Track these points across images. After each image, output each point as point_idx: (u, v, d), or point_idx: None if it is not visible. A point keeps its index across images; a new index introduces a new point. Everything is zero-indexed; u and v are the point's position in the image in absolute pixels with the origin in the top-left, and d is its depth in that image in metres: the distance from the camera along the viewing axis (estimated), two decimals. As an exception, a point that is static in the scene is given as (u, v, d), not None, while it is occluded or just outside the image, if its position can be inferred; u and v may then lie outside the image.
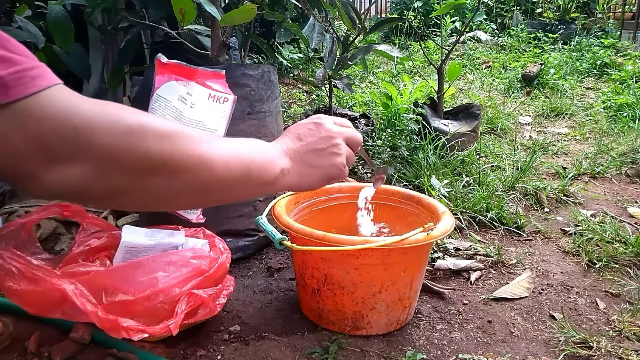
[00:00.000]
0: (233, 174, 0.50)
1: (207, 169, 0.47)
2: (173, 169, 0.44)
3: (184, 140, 0.45)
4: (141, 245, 0.87)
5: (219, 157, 0.48)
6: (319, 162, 0.60)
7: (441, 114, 1.92)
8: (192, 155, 0.46)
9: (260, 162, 0.54)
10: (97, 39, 1.58)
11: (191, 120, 0.84)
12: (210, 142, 0.49)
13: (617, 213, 1.44)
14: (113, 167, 0.41)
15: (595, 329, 0.91)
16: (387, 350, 0.84)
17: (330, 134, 0.61)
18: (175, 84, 0.87)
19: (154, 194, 0.45)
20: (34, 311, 0.76)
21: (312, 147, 0.60)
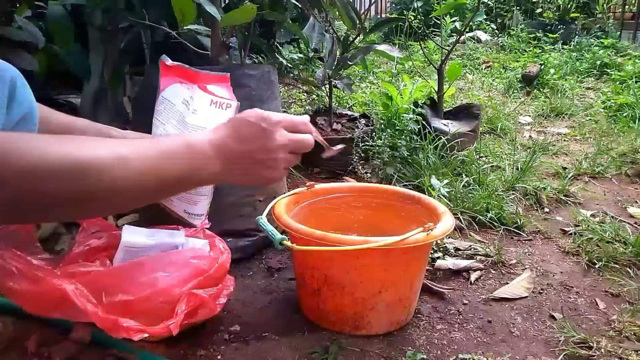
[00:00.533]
0: (148, 192, 0.49)
1: (115, 196, 0.46)
2: (83, 200, 0.44)
3: (89, 172, 0.43)
4: (141, 245, 0.87)
5: (133, 183, 0.47)
6: (251, 172, 0.59)
7: (441, 114, 1.92)
8: (98, 190, 0.44)
9: (186, 176, 0.52)
10: (97, 39, 1.57)
11: (194, 127, 0.84)
12: (124, 164, 0.46)
13: (617, 213, 1.44)
14: (15, 212, 0.41)
15: (595, 329, 0.91)
16: (387, 350, 0.84)
17: (274, 147, 0.59)
18: (179, 87, 0.86)
19: (60, 217, 0.46)
20: (33, 311, 0.76)
21: (251, 155, 0.58)
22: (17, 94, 0.74)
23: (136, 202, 0.50)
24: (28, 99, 0.76)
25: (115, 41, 1.55)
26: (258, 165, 0.58)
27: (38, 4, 1.48)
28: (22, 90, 0.75)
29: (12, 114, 0.73)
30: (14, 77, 0.74)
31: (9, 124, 0.72)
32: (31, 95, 0.78)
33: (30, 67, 1.30)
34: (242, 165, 0.57)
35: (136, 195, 0.48)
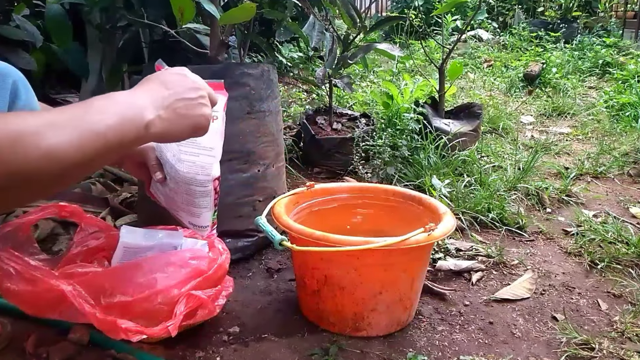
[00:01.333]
0: (89, 153, 0.48)
1: (59, 163, 0.45)
2: (22, 177, 0.43)
3: (23, 141, 0.43)
4: (140, 245, 0.87)
5: (70, 144, 0.46)
6: (188, 112, 0.59)
7: (442, 113, 1.91)
8: (38, 157, 0.43)
9: (120, 127, 0.51)
10: (95, 37, 1.57)
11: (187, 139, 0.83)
12: (58, 128, 0.46)
13: (619, 213, 1.43)
14: None
15: (597, 330, 0.91)
16: (387, 352, 0.84)
17: (197, 86, 0.60)
18: None
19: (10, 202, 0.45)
20: (31, 312, 0.76)
21: (182, 95, 0.58)
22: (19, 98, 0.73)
23: (80, 169, 0.49)
24: (31, 103, 0.76)
25: (113, 40, 1.55)
26: (191, 103, 0.59)
27: (36, 2, 1.48)
28: (24, 94, 0.74)
29: None
30: (17, 81, 0.73)
31: None
32: (33, 97, 0.77)
33: (28, 66, 1.30)
34: (177, 107, 0.58)
35: (77, 160, 0.47)
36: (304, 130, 1.78)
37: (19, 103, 0.73)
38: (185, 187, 0.76)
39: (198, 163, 0.75)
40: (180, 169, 0.75)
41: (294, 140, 1.83)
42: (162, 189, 0.81)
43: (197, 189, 0.76)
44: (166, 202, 0.82)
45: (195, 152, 0.75)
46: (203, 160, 0.75)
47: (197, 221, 0.80)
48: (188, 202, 0.77)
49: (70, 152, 0.45)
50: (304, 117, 1.82)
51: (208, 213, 0.80)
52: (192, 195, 0.76)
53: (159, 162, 0.78)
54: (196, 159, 0.75)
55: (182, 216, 0.81)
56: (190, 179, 0.75)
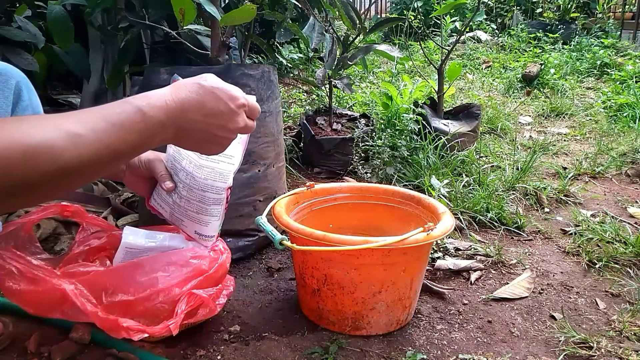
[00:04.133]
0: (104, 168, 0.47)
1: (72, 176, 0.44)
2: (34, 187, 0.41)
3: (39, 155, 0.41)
4: (142, 247, 0.87)
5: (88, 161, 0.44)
6: (201, 144, 0.58)
7: (441, 114, 1.92)
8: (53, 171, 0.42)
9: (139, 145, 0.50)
10: (97, 38, 1.58)
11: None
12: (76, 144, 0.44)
13: (617, 213, 1.44)
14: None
15: (596, 329, 0.91)
16: (387, 351, 0.84)
17: (233, 129, 0.58)
18: None
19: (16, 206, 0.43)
20: (33, 311, 0.76)
21: (209, 130, 0.56)
22: (22, 99, 0.74)
23: (89, 178, 0.48)
24: (33, 104, 0.76)
25: (115, 41, 1.55)
26: (212, 139, 0.57)
27: (38, 3, 1.48)
28: (26, 95, 0.75)
29: None
30: (20, 83, 0.74)
31: None
32: (36, 98, 0.77)
33: (30, 67, 1.30)
34: (196, 136, 0.56)
35: (90, 172, 0.46)
36: (304, 130, 1.79)
37: (22, 104, 0.74)
38: (200, 194, 0.77)
39: (217, 170, 0.76)
40: (198, 175, 0.75)
41: (294, 140, 1.84)
42: (168, 198, 0.81)
43: (212, 196, 0.76)
44: (171, 212, 0.82)
45: (216, 159, 0.76)
46: (222, 168, 0.76)
47: (204, 230, 0.80)
48: (199, 209, 0.78)
49: (85, 167, 0.44)
50: (304, 118, 1.83)
51: (217, 222, 0.80)
52: (205, 202, 0.77)
53: (167, 172, 0.78)
54: (216, 165, 0.76)
55: (188, 225, 0.81)
56: (207, 185, 0.76)
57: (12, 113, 0.73)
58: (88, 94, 1.60)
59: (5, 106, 0.71)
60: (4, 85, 0.71)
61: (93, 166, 0.45)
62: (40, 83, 1.49)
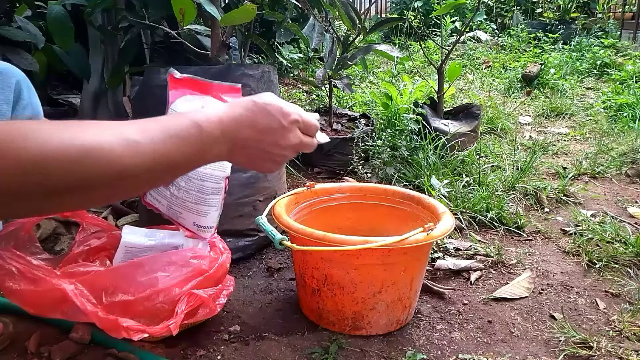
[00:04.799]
0: (156, 177, 0.47)
1: (124, 181, 0.44)
2: (90, 188, 0.42)
3: (100, 157, 0.41)
4: (141, 245, 0.87)
5: (142, 168, 0.44)
6: (255, 160, 0.58)
7: (441, 114, 1.92)
8: (111, 174, 0.42)
9: (195, 158, 0.50)
10: (97, 39, 1.58)
11: None
12: (135, 150, 0.44)
13: (617, 213, 1.44)
14: (17, 202, 0.38)
15: (596, 329, 0.91)
16: (387, 351, 0.84)
17: (285, 145, 0.58)
18: (190, 98, 0.84)
19: (67, 208, 0.43)
20: (33, 311, 0.76)
21: (261, 146, 0.56)
22: (22, 98, 0.74)
23: (143, 187, 0.48)
24: (33, 103, 0.77)
25: (115, 41, 1.55)
26: (265, 156, 0.57)
27: (38, 4, 1.48)
28: (26, 94, 0.75)
29: (17, 118, 0.73)
30: (20, 82, 0.74)
31: None
32: (36, 98, 0.78)
33: (30, 67, 1.30)
34: (249, 153, 0.56)
35: (145, 180, 0.46)
36: (303, 130, 1.78)
37: (22, 102, 0.74)
38: (198, 184, 0.77)
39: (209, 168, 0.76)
40: None
41: (294, 140, 1.83)
42: (165, 192, 0.82)
43: (211, 185, 0.77)
44: (168, 206, 0.83)
45: None
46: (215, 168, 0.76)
47: (203, 221, 0.81)
48: (198, 200, 0.78)
49: (141, 174, 0.45)
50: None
51: (215, 213, 0.81)
52: (203, 192, 0.77)
53: None
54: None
55: (186, 218, 0.82)
56: (206, 174, 0.76)
57: (12, 112, 0.73)
58: (88, 94, 1.60)
59: (6, 105, 0.71)
60: (4, 84, 0.72)
61: (148, 174, 0.46)
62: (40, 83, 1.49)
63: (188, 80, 0.86)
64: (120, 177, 0.43)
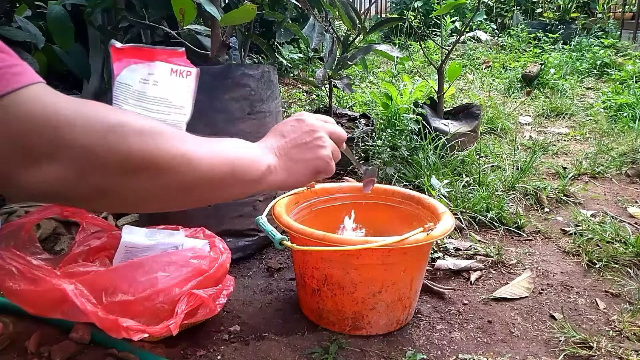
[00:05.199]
0: (218, 173, 0.49)
1: (191, 168, 0.46)
2: (156, 168, 0.43)
3: (167, 138, 0.44)
4: (141, 245, 0.87)
5: (203, 155, 0.47)
6: (304, 156, 0.59)
7: (441, 114, 1.92)
8: (176, 155, 0.45)
9: (245, 160, 0.53)
10: (97, 39, 1.58)
11: (156, 99, 0.81)
12: (194, 141, 0.48)
13: (617, 213, 1.44)
14: (94, 167, 0.40)
15: (596, 329, 0.91)
16: (387, 350, 0.84)
17: (312, 128, 0.61)
18: (135, 67, 0.83)
19: (136, 195, 0.44)
20: (33, 311, 0.76)
21: (296, 142, 0.59)
22: None
23: (205, 190, 0.50)
24: None
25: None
26: (306, 147, 0.60)
27: (38, 3, 1.48)
28: None
29: None
30: None
31: None
32: None
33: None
34: (294, 154, 0.59)
35: (206, 176, 0.48)
36: (303, 130, 1.78)
37: None
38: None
39: (170, 121, 0.76)
40: None
41: (294, 140, 1.83)
42: None
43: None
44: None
45: (167, 111, 0.76)
46: (174, 119, 0.77)
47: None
48: None
49: (202, 163, 0.47)
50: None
51: None
52: None
53: None
54: (167, 117, 0.76)
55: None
56: (168, 120, 0.76)
57: None
58: (88, 94, 1.60)
59: None
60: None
61: (208, 168, 0.48)
62: (40, 83, 1.49)
63: (131, 50, 0.84)
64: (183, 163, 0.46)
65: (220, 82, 1.07)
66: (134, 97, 0.82)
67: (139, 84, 0.82)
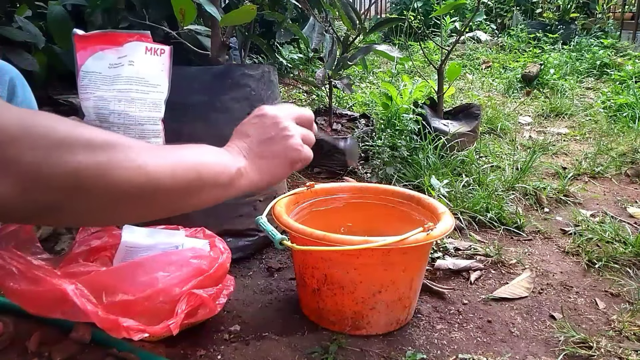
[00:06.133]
0: (182, 182, 0.46)
1: (149, 180, 0.43)
2: (109, 182, 0.41)
3: (121, 151, 0.42)
4: (141, 245, 0.87)
5: (163, 165, 0.45)
6: (274, 151, 0.57)
7: (441, 114, 1.92)
8: (130, 167, 0.42)
9: (212, 165, 0.50)
10: (97, 39, 1.57)
11: (132, 79, 0.78)
12: (153, 151, 0.46)
13: (616, 213, 1.44)
14: (38, 184, 0.37)
15: (595, 329, 0.91)
16: (387, 350, 0.84)
17: (275, 120, 0.59)
18: (102, 55, 0.80)
19: (90, 211, 0.42)
20: (34, 311, 0.76)
21: (262, 138, 0.57)
22: (17, 95, 0.74)
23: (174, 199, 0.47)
24: (27, 100, 0.76)
25: (115, 41, 1.55)
26: (273, 141, 0.57)
27: (38, 4, 1.48)
28: (21, 91, 0.75)
29: None
30: (14, 78, 0.73)
31: None
32: (31, 95, 0.77)
33: (30, 67, 1.30)
34: (261, 151, 0.56)
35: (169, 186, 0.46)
36: (303, 131, 1.78)
37: (17, 100, 0.74)
38: (139, 129, 0.76)
39: (149, 100, 0.76)
40: (132, 111, 0.75)
41: (294, 140, 1.84)
42: None
43: (151, 127, 0.77)
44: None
45: (145, 90, 0.76)
46: (154, 97, 0.76)
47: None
48: None
49: (162, 173, 0.45)
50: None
51: None
52: (145, 136, 0.77)
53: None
54: (147, 96, 0.76)
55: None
56: (144, 117, 0.76)
57: None
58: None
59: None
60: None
61: (170, 178, 0.46)
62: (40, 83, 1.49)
63: (96, 36, 0.81)
64: (143, 175, 0.43)
65: (221, 82, 1.07)
66: (106, 82, 0.79)
67: (108, 69, 0.80)
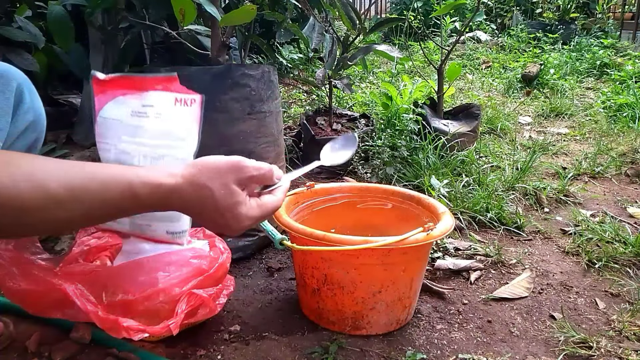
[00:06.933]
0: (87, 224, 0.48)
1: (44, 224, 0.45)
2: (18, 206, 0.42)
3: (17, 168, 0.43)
4: (141, 245, 0.87)
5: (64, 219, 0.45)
6: (209, 225, 0.57)
7: (441, 114, 1.92)
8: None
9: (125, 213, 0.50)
10: (97, 39, 1.58)
11: (157, 133, 0.73)
12: (56, 205, 0.45)
13: (616, 213, 1.44)
14: None
15: (595, 329, 0.92)
16: (387, 350, 0.84)
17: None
18: (123, 99, 0.75)
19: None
20: (34, 311, 0.76)
21: (214, 220, 0.55)
22: (24, 101, 0.72)
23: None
24: (35, 107, 0.75)
25: (115, 41, 1.56)
26: (216, 226, 0.56)
27: (38, 4, 1.48)
28: (28, 97, 0.73)
29: (18, 122, 0.72)
30: (21, 84, 0.72)
31: (15, 132, 0.71)
32: (38, 101, 0.76)
33: (30, 67, 1.31)
34: (203, 218, 0.55)
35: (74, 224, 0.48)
36: (304, 130, 1.79)
37: (24, 106, 0.73)
38: None
39: (178, 157, 0.72)
40: None
41: (294, 140, 1.84)
42: None
43: None
44: (131, 222, 0.77)
45: (174, 144, 0.72)
46: (183, 153, 0.72)
47: (176, 227, 0.76)
48: None
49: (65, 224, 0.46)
50: (304, 118, 1.83)
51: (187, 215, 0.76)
52: None
53: None
54: (176, 152, 0.72)
55: (157, 228, 0.76)
56: None
57: (13, 115, 0.71)
58: (88, 94, 1.60)
59: (7, 107, 0.70)
60: (4, 87, 0.70)
61: (72, 224, 0.47)
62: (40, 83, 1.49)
63: (116, 80, 0.76)
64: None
65: (221, 82, 1.07)
66: (128, 133, 0.74)
67: (131, 117, 0.75)
